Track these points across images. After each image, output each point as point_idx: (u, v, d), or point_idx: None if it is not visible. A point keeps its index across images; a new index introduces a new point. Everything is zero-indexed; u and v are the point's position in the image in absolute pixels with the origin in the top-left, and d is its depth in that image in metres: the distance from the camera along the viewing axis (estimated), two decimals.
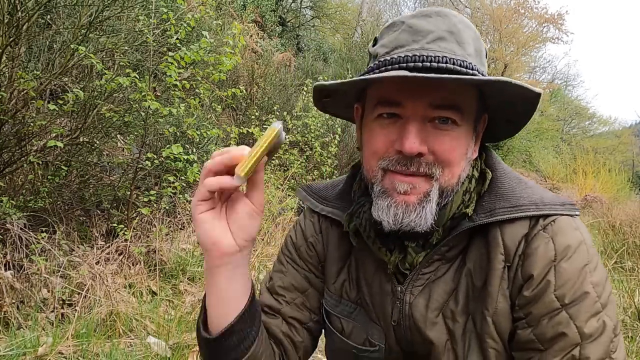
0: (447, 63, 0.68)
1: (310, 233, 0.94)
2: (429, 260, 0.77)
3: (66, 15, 3.61)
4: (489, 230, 0.74)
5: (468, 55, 0.70)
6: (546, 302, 0.69)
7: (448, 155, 0.71)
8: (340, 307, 0.88)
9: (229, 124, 5.85)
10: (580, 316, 0.67)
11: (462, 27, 0.72)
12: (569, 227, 0.71)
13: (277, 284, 0.92)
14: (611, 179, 12.76)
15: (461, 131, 0.71)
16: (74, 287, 2.64)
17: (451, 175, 0.72)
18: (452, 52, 0.69)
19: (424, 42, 0.70)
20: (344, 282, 0.88)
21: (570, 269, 0.69)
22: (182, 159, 3.36)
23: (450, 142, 0.71)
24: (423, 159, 0.71)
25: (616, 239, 5.05)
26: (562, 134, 24.13)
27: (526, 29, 18.06)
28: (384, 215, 0.72)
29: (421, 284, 0.79)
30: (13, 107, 2.83)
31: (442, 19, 0.71)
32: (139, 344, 2.35)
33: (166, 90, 3.72)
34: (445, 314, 0.77)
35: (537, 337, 0.69)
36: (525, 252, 0.71)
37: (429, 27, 0.71)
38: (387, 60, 0.71)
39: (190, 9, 4.24)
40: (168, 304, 2.97)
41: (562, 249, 0.70)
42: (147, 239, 3.54)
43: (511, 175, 0.79)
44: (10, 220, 2.64)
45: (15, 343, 2.07)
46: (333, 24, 15.67)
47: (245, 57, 7.15)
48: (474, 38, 0.73)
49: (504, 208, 0.73)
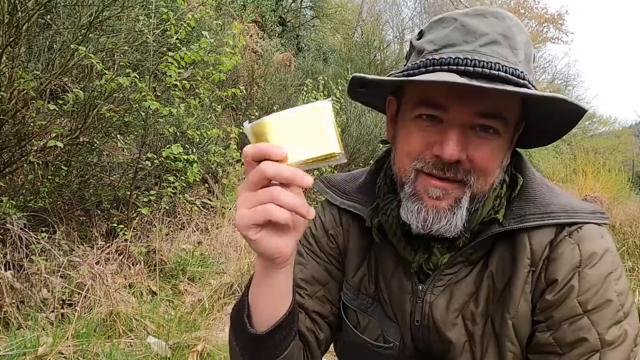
0: (500, 71, 0.65)
1: (331, 225, 0.92)
2: (452, 261, 0.77)
3: (66, 15, 3.61)
4: (515, 235, 0.74)
5: (519, 62, 0.68)
6: (568, 307, 0.68)
7: (486, 164, 0.70)
8: (357, 301, 0.88)
9: (229, 124, 5.85)
10: (602, 323, 0.67)
11: (516, 31, 0.69)
12: (595, 234, 0.71)
13: (298, 277, 0.89)
14: (611, 179, 12.75)
15: (502, 140, 0.70)
16: (74, 287, 2.64)
17: (485, 183, 0.72)
18: (505, 58, 0.67)
19: (476, 44, 0.67)
20: (363, 276, 0.88)
21: (594, 276, 0.68)
22: (182, 159, 3.36)
23: (490, 152, 0.70)
24: (460, 166, 0.69)
25: (616, 239, 5.05)
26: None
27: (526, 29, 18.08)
28: (413, 218, 0.71)
29: (442, 285, 0.78)
30: (13, 107, 2.83)
31: (498, 20, 0.69)
32: (139, 344, 2.35)
33: (166, 90, 3.72)
34: (465, 316, 0.76)
35: (556, 341, 0.69)
36: (550, 257, 0.71)
37: (484, 28, 0.68)
38: (435, 60, 0.68)
39: (190, 9, 4.24)
40: (168, 304, 2.97)
41: (588, 255, 0.69)
42: (147, 239, 3.54)
43: (540, 181, 0.78)
44: (10, 220, 2.64)
45: (15, 343, 2.07)
46: (333, 24, 15.66)
47: (245, 57, 7.15)
48: (525, 43, 0.70)
49: (535, 214, 0.72)
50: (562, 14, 17.68)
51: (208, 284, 3.35)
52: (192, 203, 4.15)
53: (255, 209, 0.55)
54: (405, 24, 25.51)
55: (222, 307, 3.01)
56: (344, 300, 0.90)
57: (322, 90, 6.81)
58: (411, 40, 0.78)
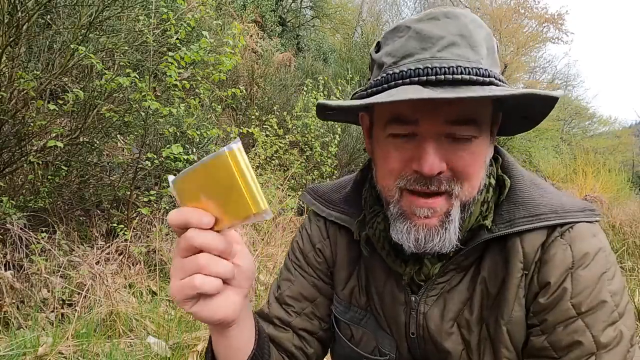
0: (462, 74, 0.62)
1: (318, 239, 0.90)
2: (444, 270, 0.76)
3: (66, 15, 3.61)
4: (507, 239, 0.72)
5: (482, 58, 0.65)
6: (562, 310, 0.67)
7: (469, 169, 0.68)
8: (349, 314, 0.86)
9: (229, 124, 5.85)
10: (596, 325, 0.66)
11: (473, 27, 0.66)
12: (587, 233, 0.69)
13: (285, 294, 0.89)
14: (611, 179, 12.75)
15: (479, 141, 0.68)
16: (74, 287, 2.64)
17: (471, 188, 0.69)
18: (466, 58, 0.64)
19: (434, 50, 0.64)
20: (353, 288, 0.86)
21: (587, 277, 0.67)
22: (182, 159, 3.36)
23: (470, 156, 0.67)
24: (443, 176, 0.67)
25: (616, 239, 5.05)
26: (562, 134, 24.12)
27: (526, 29, 18.05)
28: (404, 239, 0.69)
29: (436, 294, 0.77)
30: (13, 107, 2.83)
31: (452, 21, 0.66)
32: (139, 344, 2.35)
33: (166, 90, 3.72)
34: (460, 324, 0.75)
35: (551, 344, 0.68)
36: (542, 259, 0.69)
37: (439, 32, 0.65)
38: (395, 74, 0.66)
39: (190, 9, 4.24)
40: (168, 304, 2.97)
41: (580, 256, 0.68)
42: (147, 239, 3.54)
43: (529, 181, 0.76)
44: (10, 220, 2.64)
45: (15, 343, 2.07)
46: (333, 24, 15.66)
47: (245, 57, 7.15)
48: (485, 37, 0.68)
49: (524, 218, 0.70)
50: (562, 14, 17.64)
51: None
52: None
53: (183, 282, 0.53)
54: None
55: None
56: (335, 314, 0.89)
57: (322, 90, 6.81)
58: (370, 53, 0.75)
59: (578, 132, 26.53)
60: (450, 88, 0.61)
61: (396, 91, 0.63)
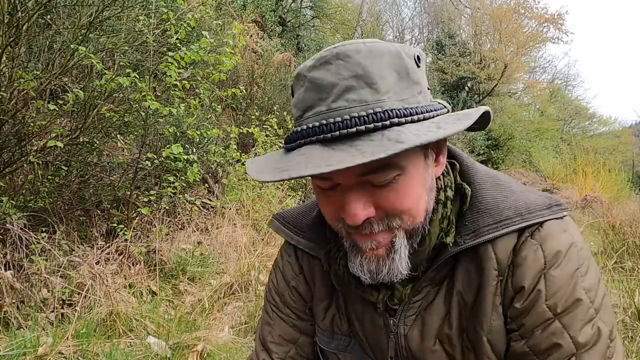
0: (357, 125, 0.57)
1: (291, 275, 0.88)
2: (417, 288, 0.74)
3: (66, 15, 3.61)
4: (478, 247, 0.70)
5: (386, 93, 0.59)
6: (538, 313, 0.66)
7: (398, 207, 0.63)
8: (334, 343, 0.85)
9: (229, 124, 5.85)
10: (574, 325, 0.65)
11: (369, 61, 0.59)
12: (557, 230, 0.68)
13: (268, 339, 0.89)
14: (611, 179, 12.75)
15: (407, 176, 0.63)
16: (74, 287, 2.64)
17: (412, 219, 0.66)
18: (364, 102, 0.58)
19: (329, 101, 0.59)
20: (333, 316, 0.85)
21: (560, 277, 0.66)
22: (182, 159, 3.36)
23: (397, 195, 0.63)
24: (374, 219, 0.64)
25: (616, 239, 5.05)
26: (562, 134, 24.11)
27: (526, 29, 18.05)
28: (359, 272, 0.68)
29: (413, 313, 0.75)
30: (13, 107, 2.83)
31: (344, 62, 0.59)
32: (139, 344, 2.35)
33: (166, 90, 3.72)
34: (442, 340, 0.74)
35: (531, 349, 0.67)
36: (515, 262, 0.68)
37: (331, 78, 0.59)
38: (299, 133, 0.62)
39: (190, 9, 4.24)
40: (168, 304, 2.97)
41: (552, 256, 0.67)
42: (147, 239, 3.54)
43: (492, 183, 0.73)
44: (10, 220, 2.64)
45: (15, 343, 2.07)
46: (333, 24, 15.66)
47: (245, 57, 7.15)
48: (390, 64, 0.60)
49: (489, 225, 0.68)
50: (562, 14, 17.64)
51: (208, 284, 3.35)
52: (192, 203, 4.15)
53: None
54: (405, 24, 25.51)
55: (222, 307, 3.01)
56: (320, 345, 0.87)
57: None
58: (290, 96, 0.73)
59: (578, 132, 26.53)
60: (350, 142, 0.57)
61: (299, 153, 0.60)
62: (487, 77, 17.19)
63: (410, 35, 25.32)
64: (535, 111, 22.82)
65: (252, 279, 3.24)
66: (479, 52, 18.10)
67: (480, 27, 19.26)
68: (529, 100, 22.36)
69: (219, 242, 3.90)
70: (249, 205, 4.57)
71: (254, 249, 3.80)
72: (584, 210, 9.27)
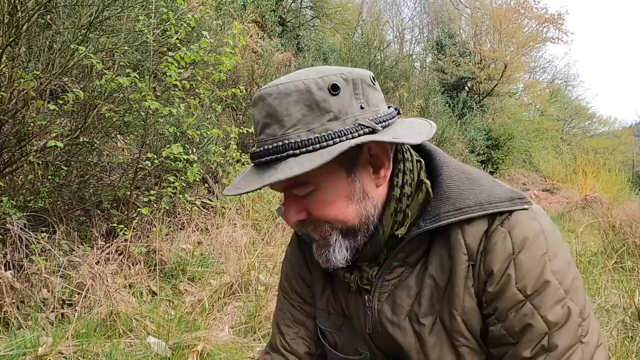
0: (266, 155, 0.71)
1: (297, 263, 0.99)
2: (389, 268, 0.81)
3: (66, 15, 3.61)
4: (449, 232, 0.76)
5: (291, 127, 0.70)
6: (510, 296, 0.71)
7: (323, 215, 0.75)
8: (329, 322, 0.94)
9: (229, 124, 5.85)
10: (543, 305, 0.69)
11: (278, 102, 0.71)
12: (525, 219, 0.73)
13: (280, 323, 1.00)
14: (611, 179, 12.75)
15: (325, 190, 0.74)
16: (74, 287, 2.64)
17: (343, 222, 0.76)
18: (274, 136, 0.71)
19: (258, 132, 0.74)
20: (328, 297, 0.94)
21: (528, 261, 0.71)
22: (182, 159, 3.36)
23: (318, 205, 0.75)
24: (308, 221, 0.77)
25: (616, 239, 5.05)
26: (562, 134, 24.12)
27: (526, 29, 18.04)
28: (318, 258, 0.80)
29: (387, 291, 0.82)
30: (13, 107, 2.83)
31: (262, 104, 0.72)
32: (139, 344, 2.35)
33: (166, 90, 3.72)
34: (411, 318, 0.80)
35: (507, 331, 0.72)
36: (486, 249, 0.73)
37: (257, 116, 0.74)
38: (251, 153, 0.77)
39: (190, 9, 4.24)
40: (168, 304, 2.97)
41: (519, 241, 0.71)
42: (147, 239, 3.54)
43: (459, 176, 0.79)
44: (10, 220, 2.64)
45: (15, 343, 2.07)
46: (333, 24, 15.66)
47: (245, 57, 7.15)
48: (297, 100, 0.70)
49: (448, 212, 0.75)
50: (562, 14, 17.61)
51: (208, 284, 3.35)
52: (192, 203, 4.15)
53: None
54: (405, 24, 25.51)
55: (222, 307, 3.01)
56: (319, 325, 0.96)
57: None
58: None
59: (578, 132, 26.54)
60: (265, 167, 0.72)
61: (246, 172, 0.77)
62: (487, 77, 17.16)
63: (410, 35, 25.33)
64: (535, 111, 22.81)
65: (252, 279, 3.24)
66: (479, 52, 18.07)
67: (480, 27, 19.26)
68: (529, 100, 22.35)
69: (219, 242, 3.90)
70: (249, 205, 4.57)
71: (254, 249, 3.80)
72: (584, 210, 9.27)
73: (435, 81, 15.91)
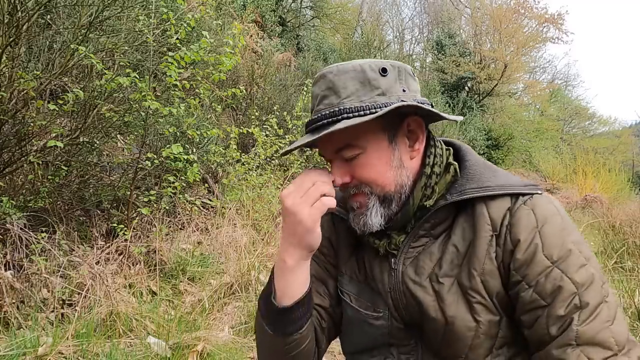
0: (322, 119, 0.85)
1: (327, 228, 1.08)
2: (415, 236, 0.92)
3: (66, 15, 3.61)
4: (474, 207, 0.87)
5: (346, 98, 0.85)
6: (538, 262, 0.80)
7: (366, 177, 0.88)
8: (351, 286, 1.03)
9: (229, 124, 5.85)
10: (569, 269, 0.79)
11: (337, 78, 0.86)
12: (544, 201, 0.86)
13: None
14: (611, 179, 12.76)
15: (369, 154, 0.87)
16: (74, 287, 2.64)
17: (382, 187, 0.88)
18: (331, 105, 0.86)
19: (316, 104, 0.89)
20: (353, 265, 1.03)
21: (552, 232, 0.82)
22: (182, 159, 3.36)
23: (362, 168, 0.88)
24: (352, 184, 0.90)
25: (616, 239, 5.05)
26: (562, 134, 24.12)
27: (526, 29, 18.04)
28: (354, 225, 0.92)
29: (411, 256, 0.93)
30: (13, 107, 2.83)
31: (323, 80, 0.88)
32: (139, 344, 2.35)
33: (166, 90, 3.72)
34: (431, 278, 0.89)
35: (539, 294, 0.80)
36: (511, 222, 0.84)
37: (317, 91, 0.89)
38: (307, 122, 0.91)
39: (190, 9, 4.24)
40: (168, 304, 2.97)
41: (542, 217, 0.83)
42: (147, 239, 3.54)
43: (483, 165, 0.93)
44: (10, 220, 2.64)
45: (15, 343, 2.07)
46: (333, 24, 15.66)
47: (245, 57, 7.15)
48: (352, 77, 0.86)
49: (472, 189, 0.87)
50: (562, 14, 17.60)
51: (208, 284, 3.35)
52: (192, 203, 4.15)
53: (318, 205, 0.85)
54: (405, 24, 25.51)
55: (222, 307, 3.02)
56: (340, 287, 1.06)
57: None
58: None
59: (578, 132, 26.53)
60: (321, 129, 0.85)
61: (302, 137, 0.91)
62: (487, 77, 17.15)
63: (410, 35, 25.33)
64: (535, 111, 22.80)
65: (252, 279, 3.24)
66: (479, 52, 18.06)
67: (480, 27, 19.25)
68: (529, 100, 22.34)
69: (219, 242, 3.90)
70: (249, 205, 4.57)
71: (254, 249, 3.80)
72: (584, 210, 9.27)
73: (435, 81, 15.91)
